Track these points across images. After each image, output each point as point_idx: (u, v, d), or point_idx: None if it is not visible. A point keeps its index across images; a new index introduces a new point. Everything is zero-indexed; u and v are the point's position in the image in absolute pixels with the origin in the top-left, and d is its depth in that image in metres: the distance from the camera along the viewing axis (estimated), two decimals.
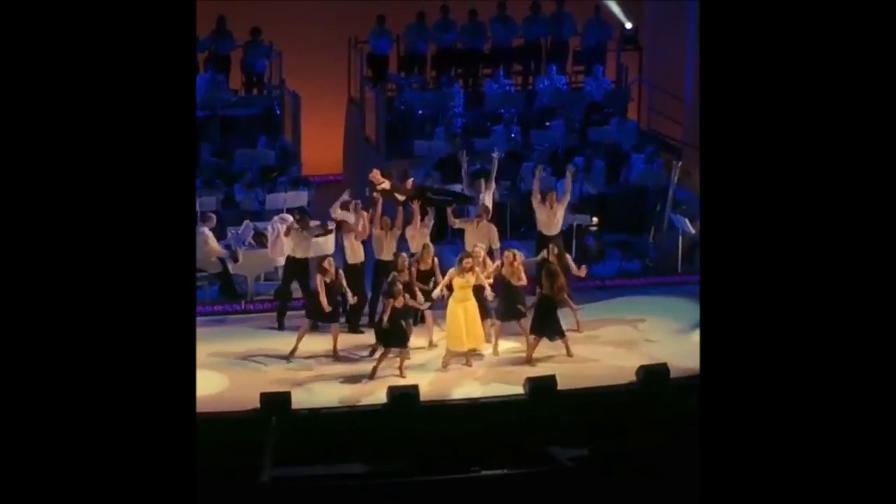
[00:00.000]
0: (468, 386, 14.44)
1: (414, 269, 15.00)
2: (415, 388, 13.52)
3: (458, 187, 18.21)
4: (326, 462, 12.97)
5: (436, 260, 15.37)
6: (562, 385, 13.80)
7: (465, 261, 14.70)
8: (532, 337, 14.93)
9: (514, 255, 15.04)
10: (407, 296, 14.48)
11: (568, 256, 15.55)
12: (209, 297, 16.40)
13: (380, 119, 20.08)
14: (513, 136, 19.93)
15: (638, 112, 21.58)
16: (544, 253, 15.19)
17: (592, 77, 21.32)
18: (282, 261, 16.23)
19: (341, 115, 21.82)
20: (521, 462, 12.97)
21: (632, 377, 14.17)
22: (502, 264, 15.04)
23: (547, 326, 14.89)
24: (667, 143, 20.31)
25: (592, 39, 21.72)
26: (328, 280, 14.82)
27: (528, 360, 14.92)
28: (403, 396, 13.40)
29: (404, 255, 15.12)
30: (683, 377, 14.04)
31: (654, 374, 14.05)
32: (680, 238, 17.26)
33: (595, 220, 17.55)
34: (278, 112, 20.42)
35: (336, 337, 14.98)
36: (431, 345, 15.29)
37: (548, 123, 20.36)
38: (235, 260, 16.49)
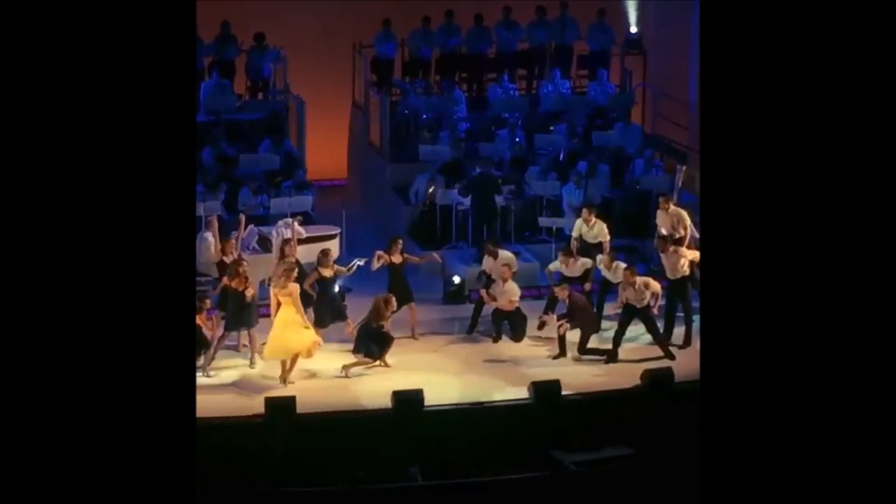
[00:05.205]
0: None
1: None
2: (419, 392, 13.52)
3: (455, 192, 18.25)
4: (331, 466, 12.98)
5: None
6: (566, 389, 13.81)
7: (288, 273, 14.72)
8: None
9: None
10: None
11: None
12: (213, 302, 16.37)
13: (384, 124, 20.08)
14: (517, 140, 19.93)
15: (642, 116, 21.57)
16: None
17: (597, 81, 21.33)
18: None
19: (346, 120, 21.86)
20: (526, 466, 12.98)
21: (636, 381, 14.17)
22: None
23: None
24: (671, 147, 20.29)
25: (596, 44, 21.73)
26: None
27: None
28: (408, 401, 13.40)
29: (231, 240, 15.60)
30: (688, 381, 14.03)
31: (658, 379, 14.05)
32: None
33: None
34: (283, 116, 20.42)
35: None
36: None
37: (552, 128, 20.36)
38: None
